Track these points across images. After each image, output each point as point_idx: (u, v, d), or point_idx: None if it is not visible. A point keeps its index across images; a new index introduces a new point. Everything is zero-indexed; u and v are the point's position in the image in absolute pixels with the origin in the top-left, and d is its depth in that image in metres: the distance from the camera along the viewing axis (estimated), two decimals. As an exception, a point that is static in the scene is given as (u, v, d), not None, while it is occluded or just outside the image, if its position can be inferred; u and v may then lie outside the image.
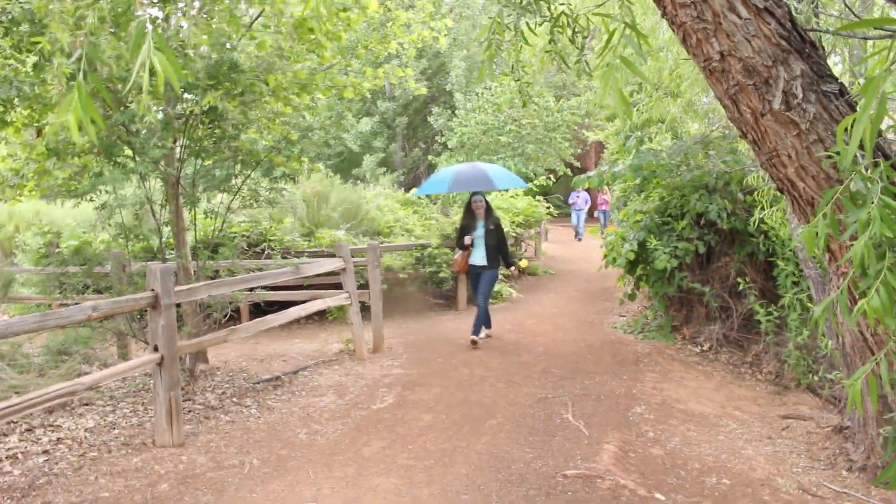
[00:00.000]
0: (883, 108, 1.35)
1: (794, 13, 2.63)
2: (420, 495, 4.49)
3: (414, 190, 14.18)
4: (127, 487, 4.69)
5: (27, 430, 5.90)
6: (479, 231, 9.00)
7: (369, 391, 6.95)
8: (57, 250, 11.94)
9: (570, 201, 22.52)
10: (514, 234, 13.48)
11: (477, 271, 9.05)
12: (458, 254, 9.14)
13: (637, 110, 8.91)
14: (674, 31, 2.72)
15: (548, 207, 15.45)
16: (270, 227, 10.80)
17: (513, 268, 9.49)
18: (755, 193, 8.64)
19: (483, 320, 9.05)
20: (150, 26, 1.40)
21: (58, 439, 5.70)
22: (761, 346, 8.65)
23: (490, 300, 9.51)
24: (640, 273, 9.64)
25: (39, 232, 12.81)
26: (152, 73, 1.50)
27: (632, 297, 10.07)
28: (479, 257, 9.00)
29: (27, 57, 6.77)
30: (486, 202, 9.19)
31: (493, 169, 10.07)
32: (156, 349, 5.49)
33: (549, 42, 2.67)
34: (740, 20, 2.54)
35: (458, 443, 5.43)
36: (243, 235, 9.57)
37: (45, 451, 5.42)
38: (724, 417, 6.62)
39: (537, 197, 15.27)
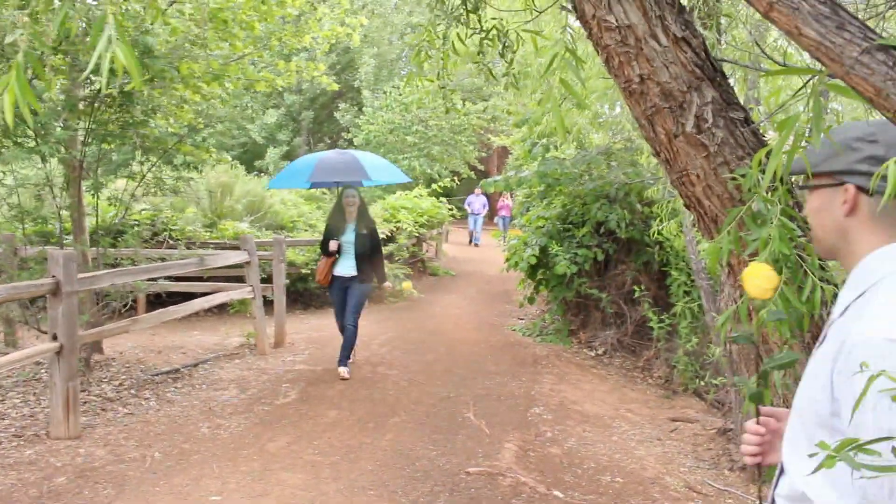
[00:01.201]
0: (796, 144, 1.49)
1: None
2: (327, 491, 4.54)
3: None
4: (20, 481, 4.55)
5: None
6: (349, 235, 7.45)
7: (272, 386, 6.93)
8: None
9: (467, 204, 21.27)
10: (416, 234, 13.60)
11: (343, 284, 7.44)
12: (322, 261, 7.62)
13: (545, 120, 9.16)
14: (598, 52, 2.86)
15: (450, 209, 15.65)
16: (172, 216, 10.59)
17: (386, 284, 8.09)
18: (653, 205, 9.03)
19: (350, 344, 7.46)
20: (110, 17, 1.42)
21: (-56, 429, 5.48)
22: (653, 351, 9.03)
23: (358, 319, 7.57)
24: (540, 277, 9.90)
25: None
26: (111, 63, 1.52)
27: (531, 300, 10.33)
28: (346, 267, 7.45)
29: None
30: (361, 199, 7.64)
31: (369, 158, 8.43)
32: (54, 338, 5.33)
33: (478, 54, 2.77)
34: (660, 47, 2.70)
35: (363, 439, 5.50)
36: (146, 224, 9.35)
37: (-69, 442, 5.21)
38: (618, 419, 6.89)
39: (440, 198, 15.43)
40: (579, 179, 9.39)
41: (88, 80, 6.82)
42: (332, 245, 7.43)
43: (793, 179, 1.97)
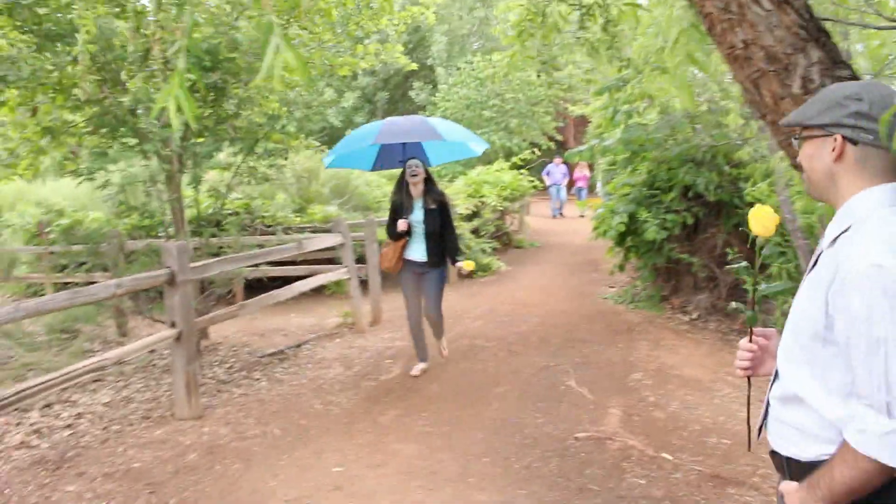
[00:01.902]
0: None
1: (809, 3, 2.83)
2: (441, 459, 4.71)
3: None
4: (156, 458, 4.86)
5: (45, 406, 6.03)
6: (418, 213, 6.49)
7: (375, 362, 7.15)
8: (47, 229, 12.00)
9: (546, 174, 20.39)
10: (500, 208, 13.67)
11: (417, 270, 6.57)
12: (389, 245, 6.61)
13: (629, 86, 9.08)
14: (701, 19, 2.90)
15: (531, 181, 15.66)
16: (264, 203, 10.91)
17: (458, 267, 6.62)
18: (741, 167, 8.90)
19: (438, 328, 6.83)
20: (277, 28, 1.56)
21: (78, 414, 5.85)
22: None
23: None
24: (629, 244, 9.87)
25: (33, 211, 12.76)
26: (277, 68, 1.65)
27: (621, 268, 10.32)
28: (418, 250, 6.53)
29: (27, 37, 6.83)
30: (427, 170, 6.57)
31: (438, 120, 7.28)
32: (173, 325, 5.63)
33: (580, 29, 2.83)
34: (763, 11, 2.73)
35: (469, 410, 5.66)
36: (241, 212, 9.68)
37: (69, 426, 5.58)
38: (718, 382, 6.87)
39: (521, 171, 15.45)
40: (664, 144, 9.31)
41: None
42: (402, 224, 6.39)
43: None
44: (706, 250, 9.59)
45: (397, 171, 6.92)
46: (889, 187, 1.66)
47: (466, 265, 6.57)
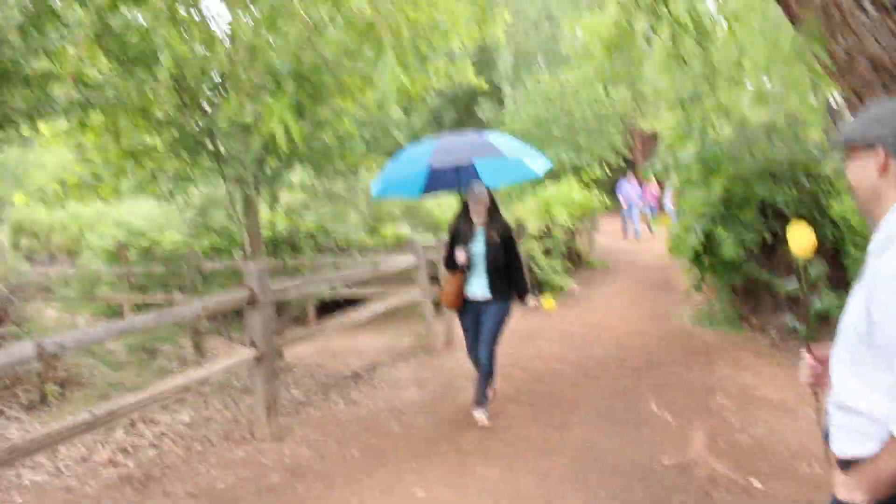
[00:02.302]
0: None
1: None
2: (525, 484, 4.64)
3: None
4: (239, 479, 4.90)
5: (129, 424, 6.15)
6: (478, 245, 5.82)
7: (451, 384, 7.12)
8: (127, 250, 12.33)
9: (619, 192, 19.68)
10: (571, 227, 13.55)
11: (477, 308, 5.90)
12: (449, 279, 5.98)
13: (707, 102, 8.95)
14: (794, 27, 2.81)
15: (602, 200, 15.51)
16: (335, 223, 11.02)
17: (533, 306, 6.31)
18: (822, 181, 8.67)
19: (487, 379, 5.91)
20: (390, 50, 1.55)
21: (161, 433, 5.94)
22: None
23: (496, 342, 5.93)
24: (705, 263, 9.67)
25: (113, 232, 13.11)
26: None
27: (697, 287, 10.11)
28: (479, 285, 5.86)
29: (113, 63, 7.03)
30: (491, 196, 5.87)
31: (496, 135, 6.53)
32: (253, 345, 5.69)
33: (672, 45, 2.76)
34: (868, 19, 2.63)
35: (550, 433, 5.57)
36: (314, 233, 9.79)
37: (153, 445, 5.67)
38: (802, 405, 6.65)
39: (591, 189, 15.31)
40: (740, 159, 9.12)
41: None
42: (461, 256, 5.75)
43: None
44: (786, 268, 9.33)
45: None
46: None
47: (546, 304, 6.30)
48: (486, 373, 5.86)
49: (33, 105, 5.70)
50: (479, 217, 5.84)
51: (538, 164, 6.66)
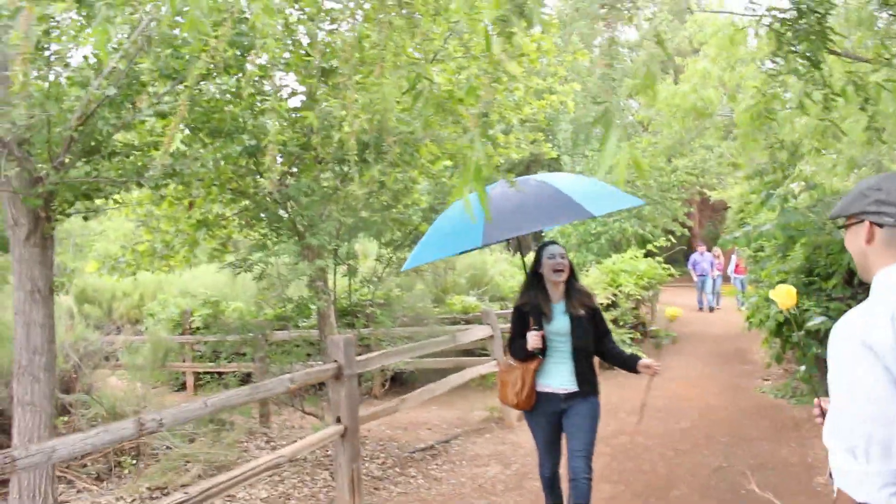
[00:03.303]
0: None
1: None
2: (636, 572, 4.35)
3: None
4: (329, 561, 4.68)
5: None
6: (560, 321, 4.46)
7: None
8: (190, 319, 12.31)
9: (692, 266, 18.98)
10: (637, 297, 13.26)
11: (557, 406, 4.45)
12: (514, 369, 4.52)
13: (780, 168, 8.74)
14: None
15: (667, 269, 15.22)
16: (402, 293, 10.90)
17: (649, 367, 4.48)
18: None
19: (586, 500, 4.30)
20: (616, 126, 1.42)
21: (240, 511, 5.76)
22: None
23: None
24: (787, 334, 9.31)
25: (178, 301, 13.12)
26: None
27: (778, 360, 9.73)
28: (558, 377, 4.44)
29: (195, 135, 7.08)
30: (570, 263, 4.58)
31: (569, 181, 4.88)
32: (338, 420, 5.51)
33: (823, 109, 2.60)
34: None
35: (650, 515, 5.28)
36: (385, 303, 9.66)
37: (232, 524, 5.48)
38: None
39: (656, 258, 15.05)
40: (824, 228, 8.83)
41: (342, 170, 7.19)
42: (534, 339, 4.32)
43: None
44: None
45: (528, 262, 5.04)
46: None
47: (671, 314, 5.28)
48: (585, 492, 4.25)
49: (122, 175, 5.70)
50: (557, 288, 4.49)
51: (623, 201, 5.08)
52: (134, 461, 6.66)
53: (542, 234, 18.73)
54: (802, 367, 8.91)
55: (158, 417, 3.61)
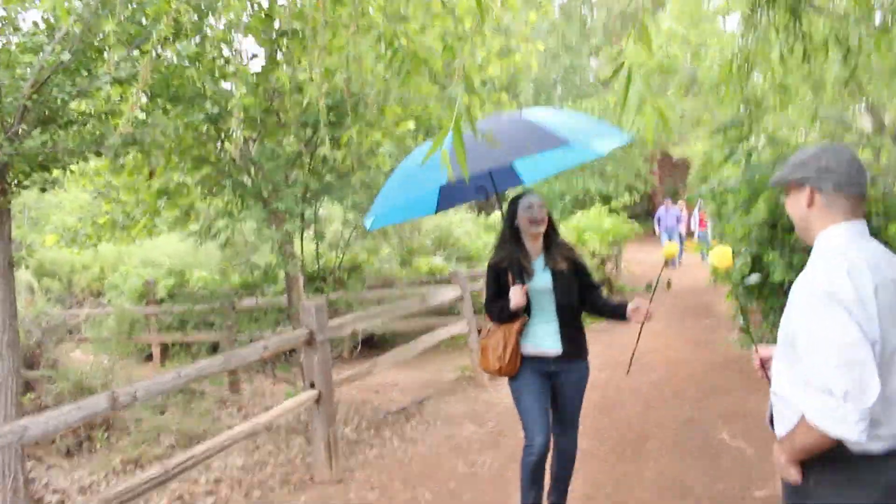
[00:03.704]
0: None
1: None
2: (614, 525, 4.41)
3: (495, 215, 14.01)
4: (309, 526, 4.68)
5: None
6: (542, 278, 4.08)
7: (509, 418, 6.86)
8: (154, 289, 12.13)
9: (657, 220, 18.78)
10: (603, 255, 13.34)
11: (545, 368, 4.08)
12: (495, 332, 4.11)
13: (745, 123, 8.78)
14: None
15: (630, 225, 15.33)
16: (368, 256, 10.83)
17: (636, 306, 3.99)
18: (873, 204, 8.46)
19: (569, 475, 4.33)
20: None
21: (216, 479, 5.72)
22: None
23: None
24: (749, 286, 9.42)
25: (141, 272, 12.91)
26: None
27: (744, 312, 9.85)
28: (544, 337, 4.07)
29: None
30: (549, 214, 4.18)
31: (550, 114, 4.33)
32: (312, 386, 5.49)
33: (803, 62, 2.58)
34: None
35: (625, 468, 5.34)
36: (352, 267, 9.61)
37: (209, 492, 5.45)
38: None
39: (620, 214, 15.14)
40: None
41: (306, 134, 7.08)
42: (518, 295, 3.92)
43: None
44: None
45: (492, 223, 4.49)
46: (847, 225, 2.14)
47: (667, 252, 4.12)
48: (569, 465, 4.27)
49: (80, 145, 5.55)
50: (535, 241, 4.11)
51: (609, 140, 4.44)
52: (105, 435, 6.57)
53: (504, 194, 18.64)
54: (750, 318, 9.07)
55: (132, 391, 3.55)
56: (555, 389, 4.12)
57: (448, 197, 4.81)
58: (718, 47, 9.54)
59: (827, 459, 2.09)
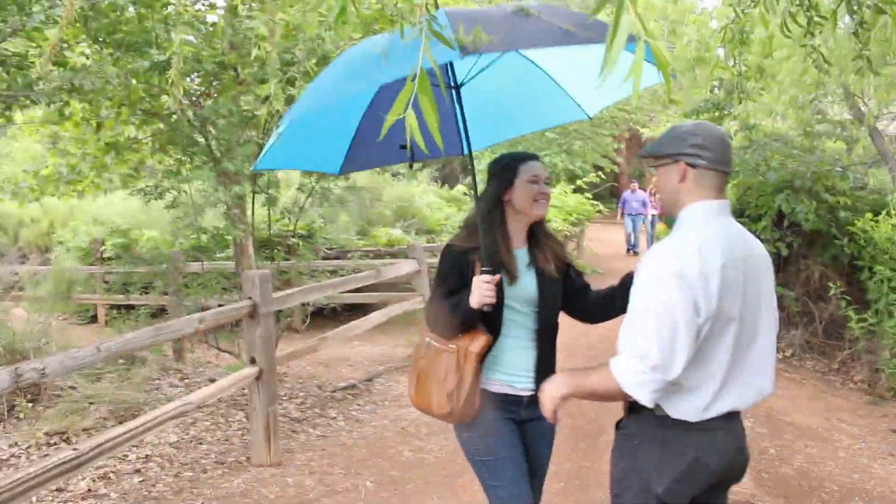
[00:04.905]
0: None
1: None
2: (565, 526, 4.16)
3: (459, 187, 13.69)
4: (239, 514, 4.36)
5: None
6: (526, 281, 2.79)
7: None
8: (101, 248, 11.67)
9: (621, 204, 17.76)
10: (566, 233, 13.10)
11: (515, 415, 2.81)
12: (431, 349, 2.75)
13: (720, 105, 8.58)
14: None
15: (595, 205, 15.11)
16: (325, 225, 10.46)
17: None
18: (840, 195, 8.31)
19: None
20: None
21: (146, 457, 5.37)
22: (846, 352, 8.32)
23: None
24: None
25: (87, 229, 12.42)
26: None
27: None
28: (520, 367, 2.79)
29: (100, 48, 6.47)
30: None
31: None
32: (253, 362, 5.14)
33: (805, 35, 2.29)
34: None
35: (581, 462, 5.10)
36: (307, 235, 9.23)
37: (137, 471, 5.10)
38: (834, 431, 6.28)
39: (584, 194, 14.91)
40: (758, 169, 8.72)
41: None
42: (485, 289, 2.57)
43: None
44: (800, 283, 8.96)
45: (455, 194, 3.43)
46: (711, 203, 2.17)
47: None
48: None
49: (10, 90, 5.12)
50: (523, 228, 2.83)
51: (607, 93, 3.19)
52: (31, 403, 6.16)
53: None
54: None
55: (41, 367, 3.18)
56: (530, 441, 2.87)
57: (359, 153, 3.37)
58: (696, 26, 9.24)
59: (649, 422, 2.19)
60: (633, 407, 2.25)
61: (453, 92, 2.88)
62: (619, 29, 1.10)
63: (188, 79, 6.98)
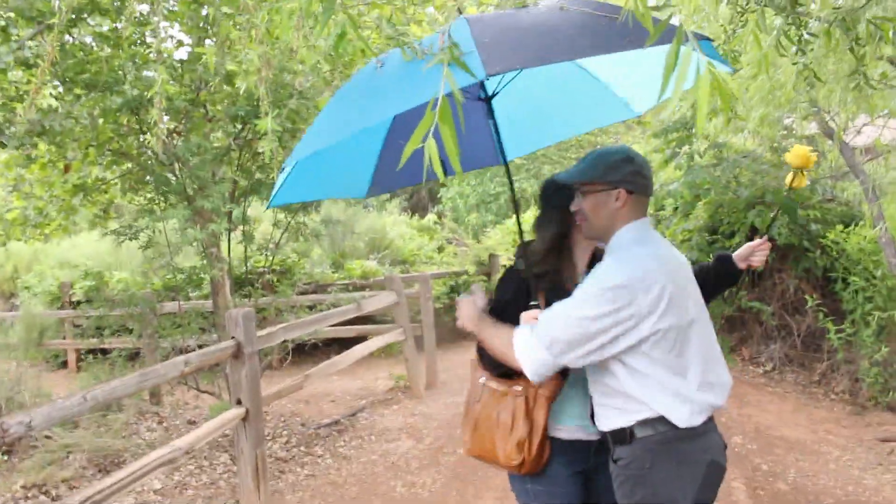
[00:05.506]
0: None
1: None
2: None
3: (430, 217, 13.67)
4: (234, 561, 4.24)
5: (93, 494, 5.41)
6: None
7: (447, 433, 6.52)
8: (70, 291, 11.44)
9: None
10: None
11: (585, 464, 2.52)
12: (488, 390, 2.55)
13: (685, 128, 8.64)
14: None
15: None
16: (299, 259, 10.35)
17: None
18: (811, 209, 8.40)
19: None
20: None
21: (132, 504, 5.23)
22: (826, 363, 8.38)
23: None
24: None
25: (56, 273, 12.18)
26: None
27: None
28: (584, 409, 2.43)
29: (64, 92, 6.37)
30: None
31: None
32: (239, 402, 5.03)
33: (797, 53, 2.30)
34: None
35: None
36: (282, 270, 9.12)
37: (123, 521, 4.96)
38: (822, 443, 6.29)
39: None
40: (730, 186, 8.80)
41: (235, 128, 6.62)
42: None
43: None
44: (776, 297, 9.02)
45: (425, 223, 3.62)
46: (642, 221, 2.29)
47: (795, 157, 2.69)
48: None
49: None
50: (585, 257, 2.57)
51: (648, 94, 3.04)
52: (6, 456, 5.98)
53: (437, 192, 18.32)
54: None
55: (27, 419, 3.06)
56: (594, 495, 2.58)
57: (384, 178, 3.24)
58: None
59: (655, 440, 2.20)
60: (619, 436, 2.25)
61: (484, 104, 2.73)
62: (678, 60, 1.08)
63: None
